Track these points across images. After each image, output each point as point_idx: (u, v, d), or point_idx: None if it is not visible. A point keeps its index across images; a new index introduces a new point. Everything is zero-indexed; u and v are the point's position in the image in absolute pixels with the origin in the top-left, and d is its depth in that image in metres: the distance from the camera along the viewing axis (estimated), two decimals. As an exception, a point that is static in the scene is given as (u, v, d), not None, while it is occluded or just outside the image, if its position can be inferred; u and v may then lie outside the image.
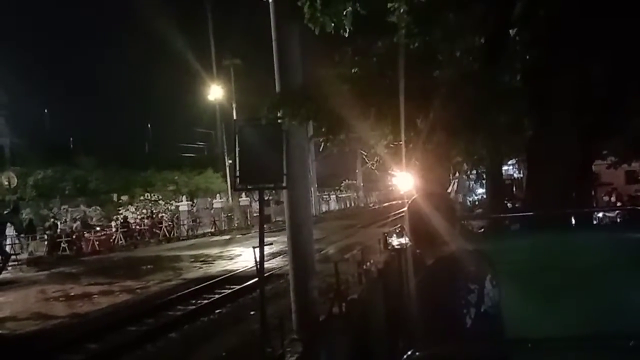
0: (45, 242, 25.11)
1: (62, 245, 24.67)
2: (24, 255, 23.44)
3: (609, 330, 2.94)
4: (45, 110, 44.42)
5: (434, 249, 2.04)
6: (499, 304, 1.96)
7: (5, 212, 18.08)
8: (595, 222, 7.97)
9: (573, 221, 5.26)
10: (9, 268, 19.35)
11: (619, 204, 11.90)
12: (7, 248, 20.54)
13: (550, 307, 3.24)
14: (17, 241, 23.84)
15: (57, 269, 19.93)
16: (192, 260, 19.79)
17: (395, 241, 8.14)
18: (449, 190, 9.98)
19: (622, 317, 3.12)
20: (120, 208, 32.55)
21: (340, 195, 58.04)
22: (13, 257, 19.89)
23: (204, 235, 32.18)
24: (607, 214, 10.04)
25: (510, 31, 6.14)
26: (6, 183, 25.20)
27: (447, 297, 1.88)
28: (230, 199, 37.65)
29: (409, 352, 1.65)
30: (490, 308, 1.92)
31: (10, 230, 21.26)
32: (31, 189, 30.92)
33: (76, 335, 9.64)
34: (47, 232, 25.80)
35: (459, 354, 1.69)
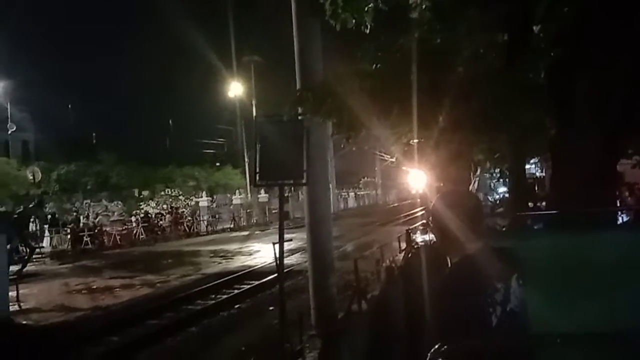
0: (68, 236, 25.55)
1: (85, 239, 25.07)
2: (48, 249, 23.88)
3: (632, 327, 2.90)
4: (69, 106, 45.11)
5: (458, 246, 2.03)
6: (524, 302, 1.95)
7: (30, 205, 18.41)
8: (618, 222, 7.83)
9: (596, 220, 5.18)
10: (33, 261, 19.70)
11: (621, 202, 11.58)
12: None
13: (573, 305, 3.21)
14: (46, 234, 24.25)
15: (79, 262, 20.28)
16: (212, 255, 19.97)
17: (419, 238, 8.11)
18: (470, 189, 9.91)
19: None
20: (141, 203, 32.95)
21: (358, 193, 58.00)
22: (37, 250, 20.24)
23: (223, 231, 32.44)
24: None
25: (534, 28, 6.05)
26: (31, 177, 25.66)
27: (472, 295, 1.88)
28: (249, 195, 37.86)
29: (437, 346, 1.65)
30: (516, 307, 1.91)
31: (34, 224, 21.63)
32: (54, 183, 31.44)
33: (98, 328, 9.79)
34: (70, 226, 26.24)
35: (486, 348, 1.69)
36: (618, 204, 8.97)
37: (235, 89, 38.85)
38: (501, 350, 1.76)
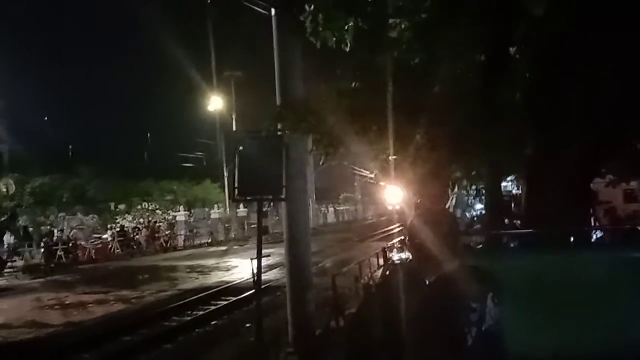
0: (42, 250, 25.01)
1: (59, 253, 24.57)
2: (20, 263, 23.35)
3: (607, 347, 2.94)
4: (46, 118, 44.48)
5: (435, 265, 2.04)
6: (500, 322, 1.95)
7: (3, 219, 18.04)
8: (594, 241, 7.96)
9: (572, 239, 5.26)
10: (5, 275, 19.27)
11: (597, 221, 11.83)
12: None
13: (549, 324, 3.23)
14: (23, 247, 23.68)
15: (52, 277, 19.86)
16: (189, 271, 19.72)
17: (395, 256, 8.13)
18: (447, 206, 9.99)
19: (619, 335, 3.12)
20: (117, 217, 32.48)
21: (338, 209, 58.04)
22: (9, 264, 19.81)
23: (201, 246, 32.09)
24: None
25: (512, 49, 6.18)
26: (4, 190, 25.20)
27: (448, 315, 1.88)
28: (228, 210, 37.61)
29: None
30: (492, 327, 1.91)
31: (7, 238, 21.16)
32: (29, 196, 30.84)
33: (70, 345, 9.56)
34: (44, 240, 25.71)
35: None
36: (593, 223, 9.12)
37: (216, 103, 38.76)
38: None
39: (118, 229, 29.82)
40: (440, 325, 1.88)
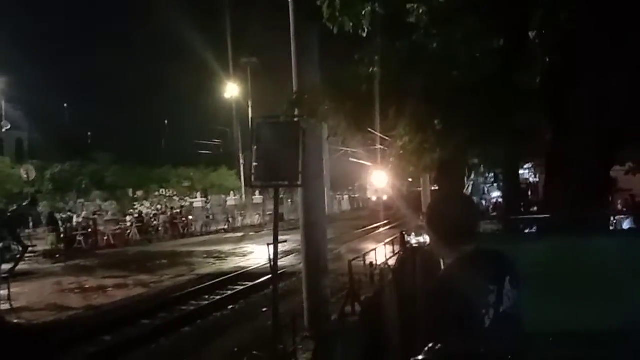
0: (62, 235, 25.40)
1: (78, 238, 24.95)
2: (40, 248, 23.74)
3: (623, 327, 2.95)
4: (65, 105, 45.01)
5: (453, 248, 2.05)
6: (518, 305, 1.97)
7: (24, 204, 18.34)
8: (611, 227, 7.90)
9: (588, 225, 5.23)
10: (26, 259, 19.59)
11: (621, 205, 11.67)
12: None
13: (564, 307, 3.24)
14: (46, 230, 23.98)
15: (72, 261, 20.17)
16: (206, 256, 19.94)
17: (413, 240, 8.13)
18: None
19: (633, 317, 3.13)
20: (135, 203, 32.85)
21: (353, 196, 58.12)
22: (30, 248, 20.14)
23: (217, 232, 32.38)
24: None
25: (531, 34, 6.10)
26: (25, 176, 25.51)
27: (465, 297, 1.89)
28: (243, 196, 37.84)
29: (430, 345, 1.67)
30: (510, 309, 1.93)
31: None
32: (48, 182, 31.31)
33: (91, 327, 9.76)
34: (63, 226, 26.09)
35: (479, 347, 1.71)
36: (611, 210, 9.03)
37: (232, 90, 38.83)
38: (492, 351, 1.78)
39: (136, 215, 30.18)
40: (456, 306, 1.89)
